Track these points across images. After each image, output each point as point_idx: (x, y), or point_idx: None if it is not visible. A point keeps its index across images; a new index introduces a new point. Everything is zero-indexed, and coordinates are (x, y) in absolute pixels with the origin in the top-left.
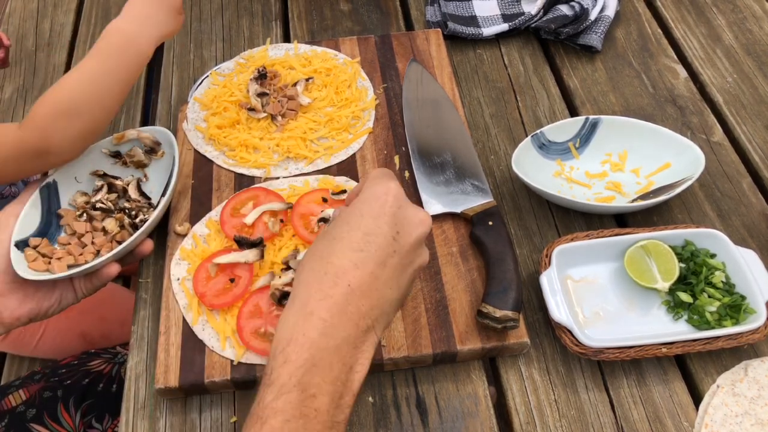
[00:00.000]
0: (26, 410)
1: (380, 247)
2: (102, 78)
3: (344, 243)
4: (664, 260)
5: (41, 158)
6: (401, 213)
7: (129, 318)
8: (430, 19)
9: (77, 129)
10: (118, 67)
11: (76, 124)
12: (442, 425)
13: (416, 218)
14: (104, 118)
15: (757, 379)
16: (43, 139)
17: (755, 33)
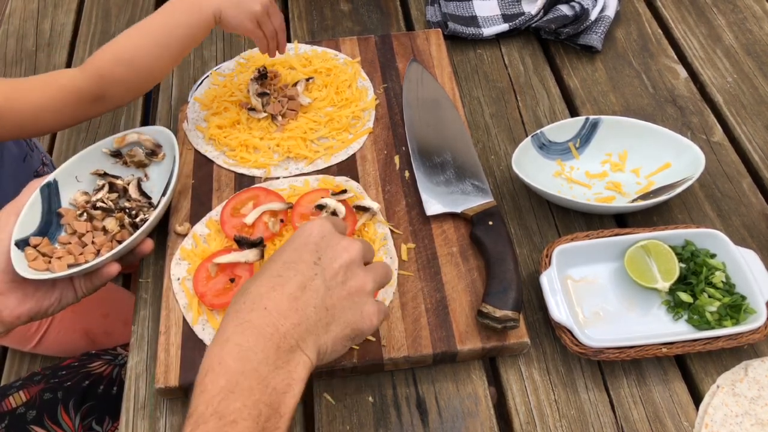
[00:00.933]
0: (26, 412)
1: (299, 272)
2: (162, 33)
3: (264, 273)
4: (664, 260)
5: (97, 103)
6: (324, 242)
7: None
8: (430, 19)
9: (134, 79)
10: (178, 25)
11: (133, 74)
12: (442, 425)
13: (339, 246)
14: (160, 71)
15: (757, 379)
16: (102, 85)
17: (755, 33)
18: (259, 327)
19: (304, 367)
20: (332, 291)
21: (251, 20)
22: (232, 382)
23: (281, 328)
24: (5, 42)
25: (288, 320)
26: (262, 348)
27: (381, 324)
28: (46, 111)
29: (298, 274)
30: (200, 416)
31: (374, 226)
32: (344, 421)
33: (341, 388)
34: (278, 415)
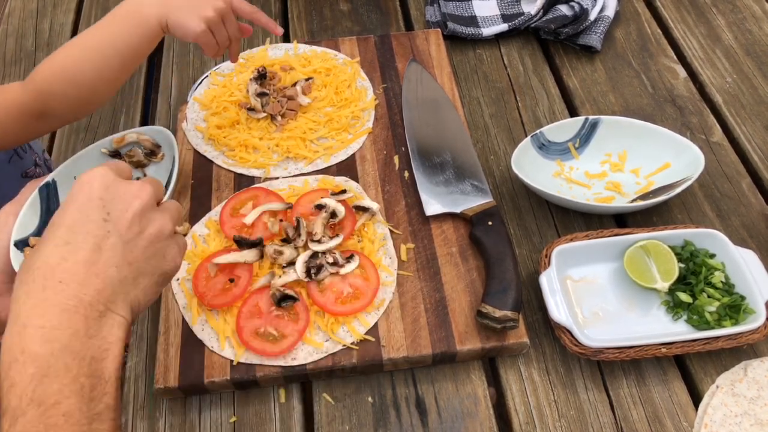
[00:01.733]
0: None
1: (89, 234)
2: (101, 45)
3: (49, 243)
4: (664, 260)
5: (41, 120)
6: (110, 194)
7: None
8: (429, 19)
9: (75, 94)
10: (119, 36)
11: (74, 89)
12: (441, 425)
13: (129, 193)
14: (104, 87)
15: (757, 379)
16: (42, 101)
17: (755, 33)
18: (59, 303)
19: (120, 327)
20: (131, 244)
21: (200, 24)
22: (43, 367)
23: (85, 298)
24: (4, 41)
25: (90, 288)
26: (68, 324)
27: None
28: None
29: (88, 236)
30: (16, 408)
31: (374, 226)
32: (344, 421)
33: (341, 389)
34: (103, 381)
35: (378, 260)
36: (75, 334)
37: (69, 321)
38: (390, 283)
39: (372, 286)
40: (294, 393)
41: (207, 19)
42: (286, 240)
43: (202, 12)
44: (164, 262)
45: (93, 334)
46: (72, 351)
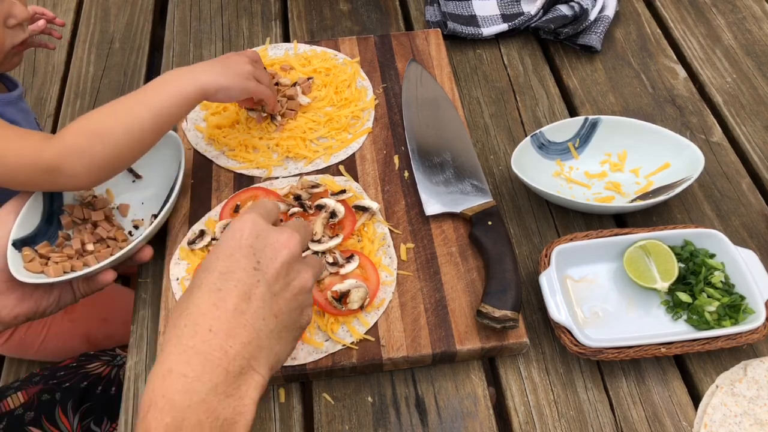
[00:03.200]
0: (24, 413)
1: (240, 281)
2: (135, 106)
3: (201, 288)
4: (664, 260)
5: (51, 175)
6: (260, 242)
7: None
8: (429, 19)
9: (98, 152)
10: (153, 100)
11: (97, 147)
12: (441, 425)
13: (278, 243)
14: (129, 147)
15: (756, 379)
16: (60, 155)
17: (755, 33)
18: (205, 353)
19: (256, 388)
20: (278, 296)
21: (250, 80)
22: (178, 419)
23: (230, 351)
24: None
25: (237, 339)
26: (209, 377)
27: None
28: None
29: (239, 284)
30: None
31: (373, 226)
32: (343, 421)
33: (340, 388)
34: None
35: (378, 260)
36: (213, 389)
37: (210, 374)
38: (390, 283)
39: (372, 285)
40: (294, 393)
41: (251, 72)
42: None
43: (243, 69)
44: (302, 317)
45: (231, 393)
46: (208, 407)
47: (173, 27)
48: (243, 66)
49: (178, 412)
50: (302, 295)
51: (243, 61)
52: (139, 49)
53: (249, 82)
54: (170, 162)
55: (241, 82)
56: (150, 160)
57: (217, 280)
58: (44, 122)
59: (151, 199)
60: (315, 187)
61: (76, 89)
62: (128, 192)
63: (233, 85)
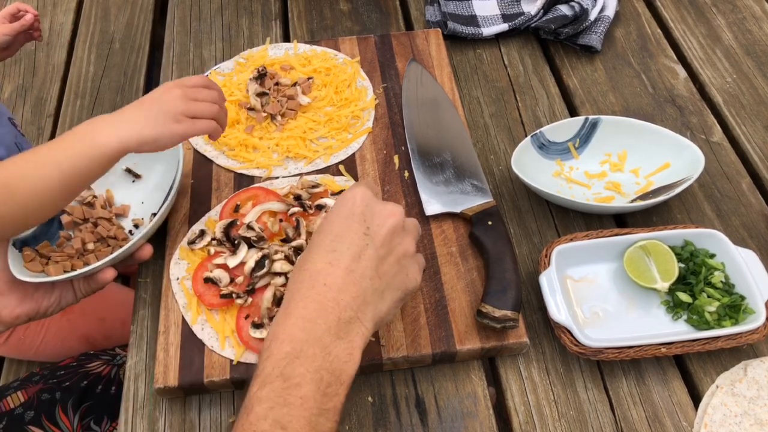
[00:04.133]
0: (24, 412)
1: (352, 243)
2: (43, 162)
3: (319, 248)
4: (664, 260)
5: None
6: (369, 210)
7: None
8: (429, 19)
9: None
10: (61, 156)
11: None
12: (441, 425)
13: (385, 211)
14: (35, 207)
15: (757, 379)
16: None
17: (755, 33)
18: (320, 302)
19: (362, 336)
20: (383, 259)
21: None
22: (296, 349)
23: (341, 302)
24: None
25: (347, 294)
26: (324, 320)
27: None
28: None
29: (351, 246)
30: (267, 376)
31: None
32: (343, 420)
33: None
34: (339, 383)
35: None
36: (327, 330)
37: (325, 318)
38: None
39: None
40: None
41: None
42: (286, 240)
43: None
44: (407, 280)
45: (341, 336)
46: (322, 344)
47: (173, 27)
48: (174, 104)
49: (297, 343)
50: (405, 259)
51: (176, 96)
52: (139, 49)
53: (179, 126)
54: (169, 160)
55: (169, 130)
56: (149, 160)
57: (333, 241)
58: (44, 122)
59: (151, 198)
60: (315, 187)
61: (76, 89)
62: (128, 192)
63: (160, 136)
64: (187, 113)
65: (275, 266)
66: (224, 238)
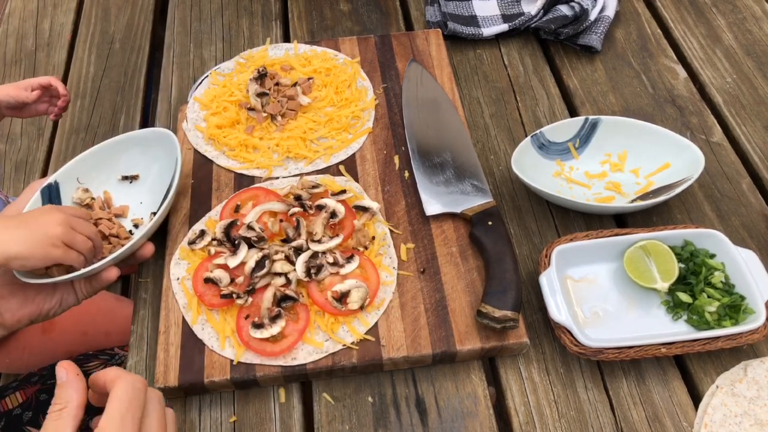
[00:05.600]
0: (22, 413)
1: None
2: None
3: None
4: (664, 260)
5: None
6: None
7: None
8: (430, 19)
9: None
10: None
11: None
12: (441, 425)
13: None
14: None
15: (757, 379)
16: None
17: (755, 33)
18: None
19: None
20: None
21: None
22: None
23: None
24: (5, 42)
25: None
26: None
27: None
28: None
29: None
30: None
31: (374, 226)
32: (343, 420)
33: (341, 388)
34: None
35: (378, 260)
36: None
37: None
38: (390, 283)
39: (372, 285)
40: (294, 393)
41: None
42: (286, 240)
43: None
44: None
45: None
46: None
47: (173, 27)
48: (52, 228)
49: None
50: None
51: (54, 221)
52: (139, 50)
53: (54, 250)
54: (166, 159)
55: (43, 251)
56: (145, 160)
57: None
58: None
59: (150, 197)
60: (315, 188)
61: (76, 89)
62: (126, 193)
63: (32, 254)
64: (64, 240)
65: (275, 266)
66: (224, 238)
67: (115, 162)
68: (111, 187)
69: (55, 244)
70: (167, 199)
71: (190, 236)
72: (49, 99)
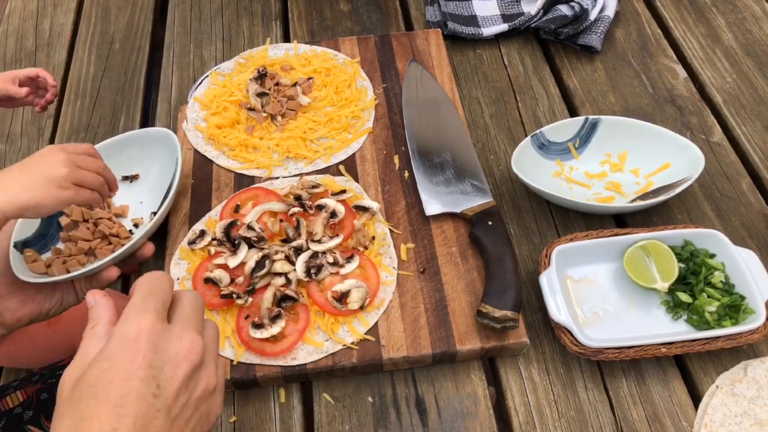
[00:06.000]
0: (23, 412)
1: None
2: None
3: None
4: (664, 260)
5: None
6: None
7: None
8: (430, 19)
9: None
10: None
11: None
12: (441, 425)
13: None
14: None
15: (756, 379)
16: None
17: (755, 33)
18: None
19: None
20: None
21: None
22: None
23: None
24: (5, 41)
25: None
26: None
27: None
28: None
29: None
30: None
31: (374, 226)
32: (344, 420)
33: (341, 388)
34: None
35: (378, 260)
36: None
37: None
38: (390, 283)
39: (372, 285)
40: (294, 393)
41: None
42: (286, 240)
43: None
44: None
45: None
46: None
47: (173, 27)
48: (57, 169)
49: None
50: (206, 402)
51: (58, 161)
52: (139, 50)
53: (64, 192)
54: (166, 160)
55: (53, 195)
56: (145, 159)
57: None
58: (44, 122)
59: (150, 197)
60: (315, 187)
61: (76, 89)
62: (126, 193)
63: (43, 201)
64: (71, 179)
65: (275, 266)
66: (224, 238)
67: (115, 162)
68: None
69: (63, 186)
70: (167, 199)
71: (190, 236)
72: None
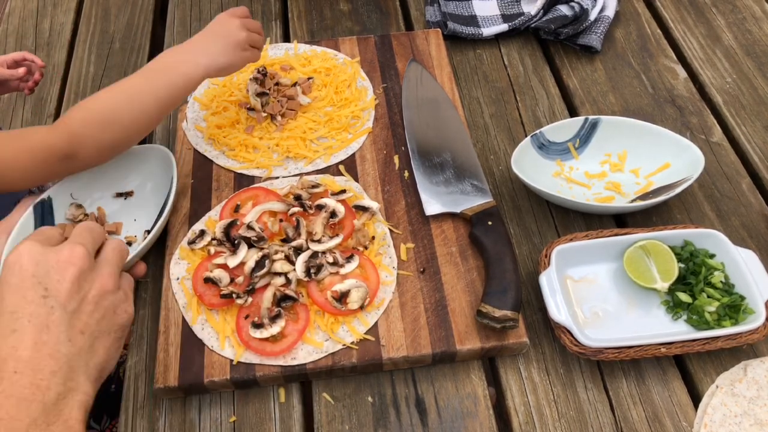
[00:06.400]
0: None
1: (33, 315)
2: (139, 93)
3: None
4: (664, 260)
5: (68, 161)
6: (41, 268)
7: None
8: (429, 19)
9: (108, 138)
10: (157, 86)
11: (107, 134)
12: (441, 425)
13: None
14: (136, 131)
15: (756, 379)
16: (73, 143)
17: (755, 33)
18: (15, 394)
19: (80, 408)
20: (77, 313)
21: (247, 49)
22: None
23: (42, 383)
24: (5, 41)
25: (45, 371)
26: (26, 413)
27: None
28: (13, 169)
29: (32, 318)
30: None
31: (373, 226)
32: (343, 420)
33: (340, 388)
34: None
35: (378, 260)
36: (33, 423)
37: (27, 410)
38: (390, 283)
39: (372, 285)
40: (294, 393)
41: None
42: (286, 240)
43: (236, 38)
44: (116, 317)
45: (52, 421)
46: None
47: (173, 27)
48: (238, 34)
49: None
50: (106, 300)
51: (237, 27)
52: (139, 50)
53: (246, 53)
54: (161, 177)
55: (240, 57)
56: (141, 176)
57: (9, 321)
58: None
59: (144, 214)
60: (315, 187)
61: (76, 89)
62: (120, 210)
63: (234, 62)
64: (249, 42)
65: (275, 266)
66: (224, 238)
67: (109, 178)
68: (105, 204)
69: (245, 48)
70: (161, 218)
71: (189, 236)
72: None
